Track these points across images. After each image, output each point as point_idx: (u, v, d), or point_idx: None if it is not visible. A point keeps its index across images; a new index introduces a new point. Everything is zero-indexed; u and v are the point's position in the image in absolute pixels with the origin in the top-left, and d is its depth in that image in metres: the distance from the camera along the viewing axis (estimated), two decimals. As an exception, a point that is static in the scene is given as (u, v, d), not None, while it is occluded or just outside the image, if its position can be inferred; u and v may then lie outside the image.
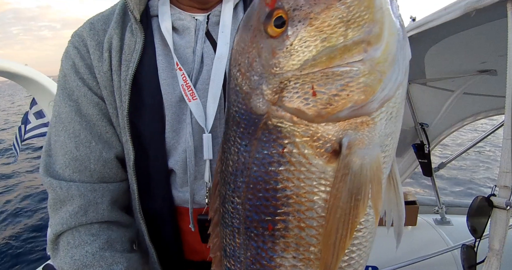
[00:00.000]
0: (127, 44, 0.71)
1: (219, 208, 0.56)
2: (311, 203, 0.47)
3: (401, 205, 0.53)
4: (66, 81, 0.74)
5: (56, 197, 0.71)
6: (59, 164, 0.73)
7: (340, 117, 0.44)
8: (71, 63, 0.73)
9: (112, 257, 0.71)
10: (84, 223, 0.72)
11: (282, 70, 0.45)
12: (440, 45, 1.62)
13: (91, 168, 0.73)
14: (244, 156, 0.49)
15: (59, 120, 0.74)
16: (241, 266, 0.55)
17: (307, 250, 0.50)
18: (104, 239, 0.72)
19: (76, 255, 0.69)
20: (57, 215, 0.72)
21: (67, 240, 0.71)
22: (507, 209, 0.87)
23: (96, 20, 0.76)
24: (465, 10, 1.04)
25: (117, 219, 0.77)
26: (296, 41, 0.43)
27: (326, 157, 0.46)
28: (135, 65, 0.69)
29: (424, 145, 2.36)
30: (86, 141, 0.72)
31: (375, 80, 0.43)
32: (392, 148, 0.50)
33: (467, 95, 2.19)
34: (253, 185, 0.49)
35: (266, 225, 0.50)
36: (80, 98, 0.73)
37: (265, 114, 0.46)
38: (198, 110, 0.69)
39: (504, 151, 0.89)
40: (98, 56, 0.72)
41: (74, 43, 0.75)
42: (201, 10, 0.76)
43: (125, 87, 0.70)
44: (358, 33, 0.42)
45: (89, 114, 0.73)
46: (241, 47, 0.48)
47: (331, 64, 0.43)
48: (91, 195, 0.72)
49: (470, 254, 1.14)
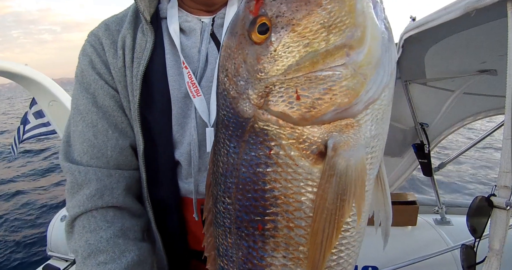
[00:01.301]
0: (138, 43, 0.76)
1: (212, 208, 0.57)
2: (299, 204, 0.48)
3: (388, 205, 0.54)
4: (83, 76, 0.79)
5: (74, 180, 0.75)
6: (78, 151, 0.77)
7: (324, 120, 0.45)
8: (88, 60, 0.79)
9: (125, 244, 0.74)
10: (100, 207, 0.75)
11: (267, 75, 0.46)
12: (440, 45, 1.61)
13: (108, 155, 0.77)
14: (233, 158, 0.51)
15: (77, 111, 0.78)
16: (233, 265, 0.56)
17: (296, 250, 0.51)
18: (118, 227, 0.75)
19: (90, 240, 0.72)
20: (74, 198, 0.75)
21: (82, 224, 0.74)
22: (507, 209, 0.87)
23: (111, 22, 0.81)
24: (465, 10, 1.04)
25: (130, 206, 0.80)
26: (280, 47, 0.45)
27: (312, 158, 0.47)
28: (145, 63, 0.74)
29: (424, 145, 2.35)
30: (103, 130, 0.77)
31: (358, 84, 0.44)
32: (379, 149, 0.50)
33: (467, 95, 2.18)
34: (242, 186, 0.51)
35: (256, 225, 0.51)
36: (97, 91, 0.78)
37: (251, 118, 0.48)
38: (202, 106, 0.73)
39: (504, 151, 0.88)
40: (113, 53, 0.77)
41: (91, 41, 0.80)
42: (207, 13, 0.80)
43: (136, 83, 0.75)
44: (340, 37, 0.43)
45: (105, 106, 0.78)
46: (228, 53, 0.50)
47: (314, 68, 0.44)
48: (107, 179, 0.76)
49: (470, 254, 1.14)
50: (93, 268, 0.70)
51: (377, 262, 2.09)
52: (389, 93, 0.48)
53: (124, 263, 0.72)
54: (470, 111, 2.37)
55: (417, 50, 1.72)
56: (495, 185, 0.92)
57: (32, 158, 9.55)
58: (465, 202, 2.79)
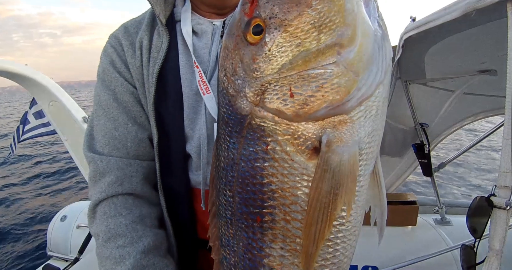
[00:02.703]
0: (154, 44, 0.82)
1: (216, 200, 0.60)
2: (295, 197, 0.50)
3: (384, 201, 0.56)
4: (105, 74, 0.85)
5: (96, 169, 0.81)
6: (100, 143, 0.83)
7: (318, 116, 0.47)
8: (109, 60, 0.85)
9: (142, 230, 0.80)
10: (120, 193, 0.81)
11: (262, 74, 0.48)
12: (440, 45, 1.61)
13: (127, 146, 0.83)
14: (233, 153, 0.53)
15: (99, 107, 0.85)
16: (235, 255, 0.59)
17: (293, 242, 0.53)
18: (137, 214, 0.81)
19: (111, 225, 0.78)
20: (96, 186, 0.81)
21: (104, 210, 0.80)
22: (507, 209, 0.87)
23: (130, 24, 0.88)
24: (465, 10, 1.04)
25: (148, 195, 0.86)
26: (274, 47, 0.47)
27: (307, 153, 0.49)
28: (160, 62, 0.80)
29: (424, 145, 2.34)
30: (124, 123, 0.83)
31: (349, 81, 0.45)
32: (374, 145, 0.51)
33: (467, 95, 2.17)
34: (241, 179, 0.53)
35: (254, 217, 0.53)
36: (117, 88, 0.84)
37: (249, 115, 0.50)
38: (211, 103, 0.78)
39: (504, 151, 0.88)
40: (131, 53, 0.83)
41: (111, 43, 0.86)
42: (218, 16, 0.85)
43: (152, 80, 0.80)
44: (330, 37, 0.44)
45: (125, 101, 0.84)
46: (226, 53, 0.52)
47: (306, 67, 0.46)
48: (127, 168, 0.82)
49: (470, 254, 1.14)
50: (112, 250, 0.76)
51: (377, 262, 2.09)
52: (383, 90, 0.49)
53: (141, 247, 0.77)
54: (470, 111, 2.37)
55: (417, 50, 1.72)
56: (495, 185, 0.92)
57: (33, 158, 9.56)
58: (465, 202, 2.79)
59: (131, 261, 0.75)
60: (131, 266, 0.74)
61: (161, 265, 0.79)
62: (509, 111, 0.88)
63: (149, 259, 0.77)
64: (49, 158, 9.57)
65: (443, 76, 1.99)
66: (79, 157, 3.07)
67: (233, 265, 0.60)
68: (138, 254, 0.76)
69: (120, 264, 0.75)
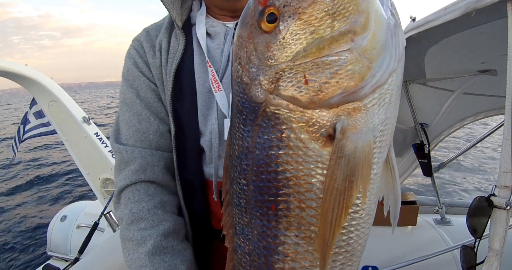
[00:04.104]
0: (172, 46, 0.89)
1: (229, 189, 0.60)
2: (310, 185, 0.51)
3: (397, 189, 0.56)
4: (129, 74, 0.92)
5: (121, 158, 0.88)
6: (125, 136, 0.90)
7: (332, 103, 0.47)
8: (132, 61, 0.92)
9: (163, 215, 0.85)
10: (143, 180, 0.87)
11: (277, 62, 0.48)
12: (440, 45, 1.61)
13: (150, 138, 0.89)
14: (247, 141, 0.54)
15: (124, 104, 0.92)
16: (249, 243, 0.59)
17: (308, 229, 0.53)
18: (158, 200, 0.87)
19: (134, 209, 0.84)
20: (121, 173, 0.88)
21: (128, 196, 0.86)
22: (507, 209, 0.87)
23: (151, 29, 0.95)
24: (465, 10, 1.04)
25: (168, 183, 0.92)
26: (288, 35, 0.47)
27: (322, 141, 0.49)
28: (177, 62, 0.86)
29: (424, 145, 2.34)
30: (146, 117, 0.90)
31: (363, 67, 0.46)
32: (388, 133, 0.52)
33: (467, 95, 2.17)
34: (256, 168, 0.53)
35: (269, 205, 0.54)
36: (140, 86, 0.91)
37: (263, 103, 0.50)
38: (222, 100, 0.83)
39: (504, 151, 0.88)
40: (152, 55, 0.90)
41: (134, 46, 0.94)
42: (232, 18, 0.91)
43: (169, 79, 0.87)
44: (344, 24, 0.45)
45: (147, 98, 0.91)
46: (240, 42, 0.53)
47: (320, 54, 0.46)
48: (149, 158, 0.88)
49: (470, 254, 1.13)
50: (135, 232, 0.82)
51: (377, 262, 2.09)
52: (397, 78, 0.49)
53: (161, 230, 0.83)
54: (470, 111, 2.37)
55: (417, 50, 1.72)
56: (495, 185, 0.92)
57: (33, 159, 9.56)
58: (465, 202, 2.79)
59: (151, 242, 0.80)
60: (151, 247, 0.80)
61: (179, 247, 0.85)
62: (509, 111, 0.87)
63: (168, 241, 0.83)
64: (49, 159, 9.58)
65: (443, 76, 1.99)
66: (79, 156, 3.07)
67: (247, 253, 0.61)
68: (159, 236, 0.82)
69: (142, 245, 0.81)
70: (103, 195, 3.10)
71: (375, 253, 2.09)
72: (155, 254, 0.80)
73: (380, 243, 2.16)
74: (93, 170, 3.06)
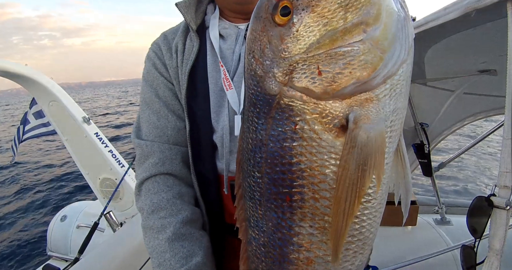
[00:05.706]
0: (187, 48, 0.95)
1: (242, 182, 0.61)
2: (324, 176, 0.52)
3: (408, 178, 0.57)
4: (148, 75, 0.99)
5: (142, 153, 0.94)
6: (145, 132, 0.96)
7: (345, 93, 0.48)
8: (152, 63, 0.99)
9: (181, 204, 0.90)
10: (162, 172, 0.92)
11: (291, 54, 0.49)
12: (440, 45, 1.61)
13: (168, 134, 0.95)
14: (261, 134, 0.54)
15: (144, 102, 0.98)
16: (264, 235, 0.60)
17: (322, 219, 0.54)
18: (176, 191, 0.92)
19: (154, 199, 0.89)
20: (142, 167, 0.93)
21: (148, 187, 0.91)
22: (507, 209, 0.87)
23: (168, 32, 1.02)
24: (465, 10, 1.04)
25: (186, 176, 0.97)
26: (301, 27, 0.48)
27: (335, 131, 0.50)
28: (191, 63, 0.92)
29: (424, 145, 2.35)
30: (165, 115, 0.95)
31: (375, 58, 0.47)
32: (398, 123, 0.53)
33: (467, 95, 2.18)
34: (270, 160, 0.54)
35: (284, 196, 0.54)
36: (159, 86, 0.97)
37: (277, 95, 0.51)
38: (233, 97, 0.87)
39: (504, 151, 0.88)
40: (169, 56, 0.97)
41: (153, 49, 1.00)
42: (244, 20, 0.96)
43: (184, 78, 0.92)
44: (356, 15, 0.46)
45: (165, 97, 0.97)
46: (254, 36, 0.54)
47: (333, 45, 0.47)
48: (168, 152, 0.94)
49: (470, 254, 1.13)
50: (155, 221, 0.87)
51: (377, 262, 2.09)
52: (407, 69, 0.50)
53: (180, 218, 0.88)
54: (470, 111, 2.37)
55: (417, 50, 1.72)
56: (495, 184, 0.92)
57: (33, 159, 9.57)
58: (465, 202, 2.79)
59: (171, 229, 0.85)
60: (171, 234, 0.85)
61: (197, 235, 0.90)
62: (509, 111, 0.88)
63: (186, 229, 0.88)
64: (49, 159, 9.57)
65: (443, 76, 1.99)
66: (79, 156, 3.07)
67: (262, 245, 0.61)
68: (178, 224, 0.87)
69: (162, 232, 0.86)
70: (103, 195, 3.10)
71: (375, 253, 2.09)
72: (174, 240, 0.85)
73: (380, 243, 2.16)
74: (93, 170, 3.06)
